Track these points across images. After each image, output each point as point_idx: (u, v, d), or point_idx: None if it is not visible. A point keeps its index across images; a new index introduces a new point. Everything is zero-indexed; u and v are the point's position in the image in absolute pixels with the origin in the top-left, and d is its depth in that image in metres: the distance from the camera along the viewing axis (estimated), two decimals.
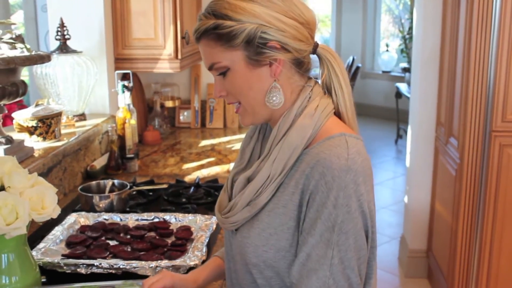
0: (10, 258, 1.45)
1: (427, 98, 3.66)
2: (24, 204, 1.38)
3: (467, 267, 3.13)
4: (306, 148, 1.18)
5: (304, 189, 1.15)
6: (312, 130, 1.18)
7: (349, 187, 1.11)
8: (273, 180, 1.19)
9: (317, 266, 1.13)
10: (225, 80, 1.22)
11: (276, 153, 1.19)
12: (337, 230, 1.12)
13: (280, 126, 1.21)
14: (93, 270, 1.61)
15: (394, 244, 4.40)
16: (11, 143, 2.11)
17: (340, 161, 1.12)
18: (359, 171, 1.13)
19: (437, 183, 3.62)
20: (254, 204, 1.21)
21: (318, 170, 1.12)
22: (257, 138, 1.33)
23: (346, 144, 1.14)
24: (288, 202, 1.17)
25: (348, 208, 1.12)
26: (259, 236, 1.20)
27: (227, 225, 1.27)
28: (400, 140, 7.43)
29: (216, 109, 3.58)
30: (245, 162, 1.33)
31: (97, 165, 2.64)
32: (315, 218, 1.13)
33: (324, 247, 1.12)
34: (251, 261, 1.22)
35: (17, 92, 2.06)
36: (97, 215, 2.00)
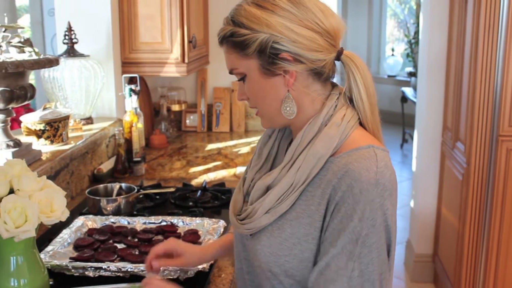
0: (18, 261, 1.45)
1: (434, 103, 3.66)
2: (33, 207, 1.38)
3: (473, 271, 3.12)
4: (331, 157, 1.16)
5: (330, 199, 1.13)
6: (338, 140, 1.16)
7: (376, 201, 1.10)
8: (296, 189, 1.17)
9: (335, 277, 1.11)
10: (244, 85, 1.24)
11: (300, 161, 1.17)
12: (360, 243, 1.10)
13: (305, 135, 1.19)
14: (101, 273, 1.61)
15: (400, 249, 4.38)
16: (19, 146, 2.11)
17: (369, 174, 1.10)
18: (386, 185, 1.11)
19: (444, 188, 3.62)
20: (274, 212, 1.19)
21: (346, 181, 1.10)
22: (275, 137, 1.33)
23: (376, 157, 1.13)
24: (314, 213, 1.15)
25: (373, 221, 1.10)
26: (281, 246, 1.18)
27: (242, 230, 1.25)
28: (405, 145, 7.42)
29: (222, 113, 3.58)
30: (262, 161, 1.31)
31: (104, 169, 2.64)
32: (339, 229, 1.11)
33: (345, 259, 1.11)
34: (271, 270, 1.20)
35: (25, 96, 2.06)
36: (105, 218, 2.00)
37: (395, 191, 1.15)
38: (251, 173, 1.32)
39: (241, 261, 1.34)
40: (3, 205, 1.37)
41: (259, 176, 1.28)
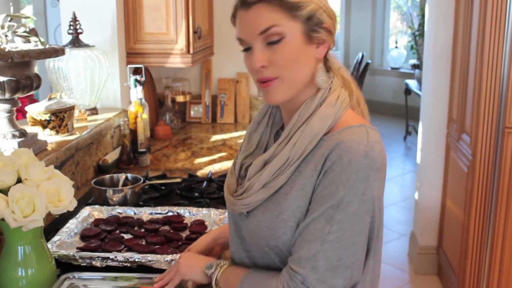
0: (26, 250, 1.45)
1: (439, 94, 3.65)
2: (41, 197, 1.38)
3: (478, 263, 3.12)
4: (325, 135, 1.22)
5: (321, 170, 1.18)
6: (332, 119, 1.22)
7: (363, 171, 1.15)
8: (291, 164, 1.22)
9: (311, 238, 1.16)
10: (272, 51, 1.20)
11: (296, 138, 1.22)
12: (340, 209, 1.15)
13: (302, 113, 1.24)
14: (109, 263, 1.61)
15: (403, 241, 4.39)
16: (24, 137, 2.11)
17: (359, 147, 1.16)
18: (375, 159, 1.17)
19: (449, 180, 3.61)
20: (270, 186, 1.23)
21: (337, 152, 1.16)
22: (266, 124, 1.36)
23: (367, 134, 1.19)
24: (306, 185, 1.20)
25: (356, 191, 1.15)
26: (277, 219, 1.22)
27: (239, 207, 1.29)
28: (409, 137, 7.41)
29: (227, 104, 3.57)
30: (253, 147, 1.35)
31: (109, 159, 2.64)
32: (322, 195, 1.17)
33: (323, 222, 1.16)
34: (269, 244, 1.25)
35: (31, 85, 2.06)
36: (111, 208, 2.00)
37: (384, 167, 1.20)
38: (241, 157, 1.36)
39: (237, 243, 1.38)
40: (11, 194, 1.37)
41: (250, 161, 1.31)
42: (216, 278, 1.35)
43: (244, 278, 1.28)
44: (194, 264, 1.42)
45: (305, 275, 1.15)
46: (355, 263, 1.19)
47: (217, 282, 1.35)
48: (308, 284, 1.16)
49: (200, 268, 1.39)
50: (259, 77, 1.23)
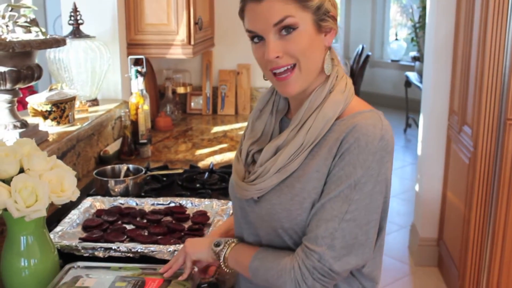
0: (29, 240, 1.44)
1: (440, 86, 3.64)
2: (44, 186, 1.38)
3: (479, 255, 3.12)
4: (336, 120, 1.26)
5: (337, 152, 1.22)
6: (343, 105, 1.27)
7: (378, 153, 1.20)
8: (305, 148, 1.25)
9: (328, 216, 1.20)
10: (287, 40, 1.22)
11: (310, 123, 1.25)
12: (357, 189, 1.19)
13: (313, 100, 1.28)
14: (111, 253, 1.60)
15: (403, 233, 4.39)
16: (26, 127, 2.10)
17: (375, 130, 1.20)
18: (389, 142, 1.22)
19: (449, 172, 3.61)
20: (284, 171, 1.26)
21: (354, 135, 1.20)
22: (270, 111, 1.38)
23: (380, 118, 1.24)
24: (321, 167, 1.23)
25: (372, 171, 1.20)
26: (292, 201, 1.25)
27: (252, 192, 1.30)
28: (409, 129, 7.40)
29: (227, 96, 3.56)
30: (258, 134, 1.37)
31: (110, 150, 2.63)
32: (339, 176, 1.20)
33: (340, 202, 1.20)
34: (283, 226, 1.27)
35: (32, 76, 2.05)
36: (113, 199, 1.99)
37: (393, 151, 1.26)
38: (246, 145, 1.38)
39: (243, 228, 1.40)
40: (14, 184, 1.36)
41: (257, 148, 1.34)
42: (224, 255, 1.37)
43: (255, 256, 1.30)
44: (200, 244, 1.43)
45: (322, 253, 1.19)
46: (368, 240, 1.24)
47: (226, 259, 1.37)
48: (324, 262, 1.19)
49: (207, 246, 1.41)
50: (273, 67, 1.25)
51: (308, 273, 1.20)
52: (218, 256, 1.38)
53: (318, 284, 1.20)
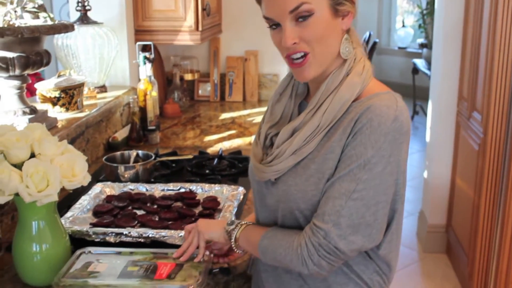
0: (40, 225, 1.44)
1: (449, 72, 3.61)
2: (55, 171, 1.37)
3: (489, 241, 3.11)
4: (353, 102, 1.25)
5: (351, 133, 1.22)
6: (360, 87, 1.26)
7: (391, 134, 1.19)
8: (321, 130, 1.25)
9: (336, 195, 1.20)
10: (302, 27, 1.22)
11: (326, 105, 1.25)
12: (367, 169, 1.19)
13: (329, 82, 1.27)
14: (122, 238, 1.60)
15: (412, 220, 4.38)
16: (35, 113, 2.09)
17: (389, 111, 1.20)
18: (404, 124, 1.21)
19: (458, 158, 3.59)
20: (300, 153, 1.27)
21: (367, 115, 1.20)
22: (289, 95, 1.39)
23: (395, 99, 1.23)
24: (335, 148, 1.23)
25: (384, 152, 1.19)
26: (307, 182, 1.25)
27: (269, 173, 1.31)
28: (416, 117, 7.37)
29: (235, 82, 3.55)
30: (277, 117, 1.38)
31: (119, 137, 2.63)
32: (350, 155, 1.21)
33: (349, 180, 1.20)
34: (299, 207, 1.27)
35: (41, 62, 2.04)
36: (123, 185, 1.99)
37: (409, 133, 1.24)
38: (265, 128, 1.39)
39: (261, 211, 1.42)
40: (25, 169, 1.36)
41: (275, 131, 1.35)
42: (235, 235, 1.38)
43: (264, 235, 1.31)
44: (214, 224, 1.45)
45: (327, 230, 1.19)
46: (376, 221, 1.23)
47: (237, 239, 1.38)
48: (329, 240, 1.19)
49: (220, 225, 1.42)
50: (290, 53, 1.26)
51: (314, 250, 1.21)
52: (229, 235, 1.39)
53: (324, 261, 1.21)
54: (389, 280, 1.39)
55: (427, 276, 3.65)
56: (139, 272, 1.35)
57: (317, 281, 1.33)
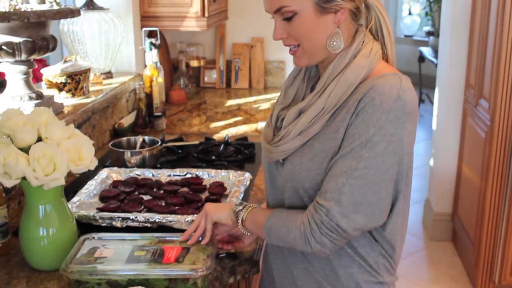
0: (47, 209, 1.44)
1: (456, 60, 3.59)
2: (62, 155, 1.37)
3: (495, 229, 3.10)
4: (359, 84, 1.26)
5: (354, 112, 1.22)
6: (366, 70, 1.26)
7: (393, 113, 1.18)
8: (326, 112, 1.26)
9: (338, 172, 1.21)
10: (289, 24, 1.27)
11: (332, 87, 1.26)
12: (368, 147, 1.19)
13: (336, 65, 1.27)
14: (129, 223, 1.60)
15: (417, 208, 4.37)
16: (41, 99, 2.09)
17: (392, 90, 1.19)
18: (407, 103, 1.20)
19: (465, 146, 3.58)
20: (306, 134, 1.28)
21: (370, 95, 1.20)
22: (302, 78, 1.40)
23: (400, 80, 1.22)
24: (339, 128, 1.24)
25: (386, 131, 1.19)
26: (311, 161, 1.27)
27: (276, 154, 1.33)
28: (422, 105, 7.34)
29: (241, 69, 3.54)
30: (289, 100, 1.40)
31: (125, 123, 2.63)
32: (353, 134, 1.21)
33: (350, 159, 1.20)
34: (304, 186, 1.29)
35: (47, 47, 2.04)
36: (129, 170, 1.98)
37: (416, 113, 1.24)
38: (277, 110, 1.40)
39: (271, 193, 1.43)
40: (32, 152, 1.35)
41: (286, 113, 1.35)
42: (243, 216, 1.38)
43: (270, 215, 1.32)
44: (221, 206, 1.46)
45: (329, 207, 1.20)
46: (379, 201, 1.23)
47: (243, 220, 1.38)
48: (331, 217, 1.20)
49: (228, 207, 1.43)
50: (284, 44, 1.32)
51: (316, 227, 1.21)
52: (237, 216, 1.40)
53: (326, 239, 1.21)
54: (396, 263, 1.39)
55: (433, 264, 3.65)
56: (146, 257, 1.35)
57: (322, 263, 1.34)
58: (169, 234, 1.48)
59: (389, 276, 1.37)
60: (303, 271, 1.37)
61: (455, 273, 3.52)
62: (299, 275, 1.38)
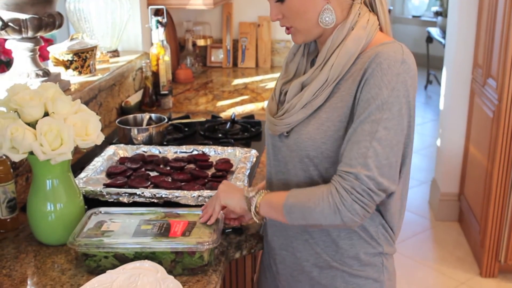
0: (54, 183, 1.45)
1: (465, 39, 3.57)
2: (69, 130, 1.37)
3: (501, 209, 3.10)
4: (359, 54, 1.28)
5: (361, 79, 1.24)
6: (365, 40, 1.29)
7: (402, 75, 1.22)
8: (329, 84, 1.28)
9: (360, 138, 1.22)
10: (282, 6, 1.31)
11: (333, 59, 1.28)
12: (385, 109, 1.21)
13: (335, 38, 1.30)
14: (135, 199, 1.61)
15: (424, 188, 4.37)
16: (48, 76, 2.09)
17: (396, 55, 1.23)
18: (411, 66, 1.24)
19: (472, 126, 3.56)
20: (310, 106, 1.30)
21: (376, 61, 1.23)
22: (302, 54, 1.42)
23: (401, 46, 1.26)
24: (345, 97, 1.27)
25: (398, 92, 1.22)
26: (317, 130, 1.29)
27: (281, 127, 1.35)
28: (430, 86, 7.31)
29: (248, 49, 3.53)
30: (291, 75, 1.42)
31: (132, 101, 2.63)
32: (367, 99, 1.23)
33: (370, 123, 1.22)
34: (309, 155, 1.30)
35: (53, 24, 2.03)
36: (136, 147, 1.99)
37: (416, 79, 1.27)
38: (279, 84, 1.43)
39: (273, 166, 1.43)
40: (39, 127, 1.36)
41: (289, 87, 1.37)
42: (256, 202, 1.35)
43: (289, 195, 1.30)
44: (234, 190, 1.43)
45: (357, 173, 1.20)
46: (397, 163, 1.25)
47: (257, 206, 1.35)
48: (361, 181, 1.20)
49: (240, 192, 1.40)
50: (281, 25, 1.36)
51: (347, 194, 1.20)
52: (249, 203, 1.36)
53: (357, 205, 1.20)
54: (395, 234, 1.40)
55: (439, 244, 3.66)
56: (153, 231, 1.36)
57: (322, 235, 1.35)
58: (175, 209, 1.49)
59: (389, 247, 1.39)
60: (303, 243, 1.39)
61: (461, 253, 3.53)
62: (299, 246, 1.40)
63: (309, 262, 1.39)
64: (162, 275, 1.23)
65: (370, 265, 1.37)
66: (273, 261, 1.48)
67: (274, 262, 1.48)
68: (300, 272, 1.42)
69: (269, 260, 1.51)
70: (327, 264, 1.37)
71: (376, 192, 1.21)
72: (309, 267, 1.39)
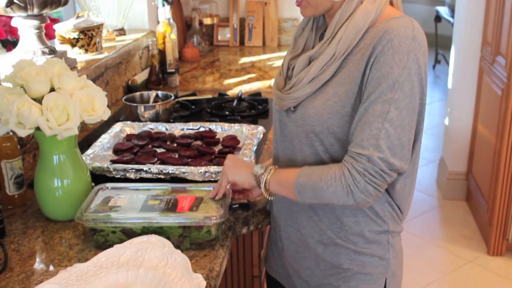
0: (61, 159, 1.44)
1: (473, 17, 3.53)
2: (75, 105, 1.37)
3: (509, 188, 3.09)
4: (368, 29, 1.26)
5: (370, 56, 1.22)
6: (374, 14, 1.26)
7: (413, 53, 1.20)
8: (337, 58, 1.26)
9: (371, 119, 1.21)
10: None
11: (341, 33, 1.26)
12: (397, 88, 1.20)
13: (343, 11, 1.27)
14: (142, 175, 1.61)
15: (432, 167, 4.36)
16: (54, 54, 2.09)
17: (407, 31, 1.21)
18: (422, 43, 1.22)
19: (481, 104, 3.54)
20: (317, 80, 1.28)
21: (386, 37, 1.20)
22: (310, 28, 1.40)
23: (411, 21, 1.24)
24: (352, 72, 1.25)
25: (409, 70, 1.20)
26: (324, 105, 1.27)
27: (287, 101, 1.34)
28: (438, 66, 7.26)
29: (255, 27, 3.51)
30: (299, 49, 1.39)
31: (138, 80, 2.62)
32: (378, 77, 1.21)
33: (381, 102, 1.20)
34: (314, 130, 1.29)
35: (59, 1, 2.02)
36: (142, 124, 1.98)
37: (427, 55, 1.25)
38: (287, 59, 1.42)
39: (280, 141, 1.42)
40: (45, 102, 1.36)
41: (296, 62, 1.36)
42: (266, 179, 1.35)
43: (300, 173, 1.29)
44: (241, 166, 1.43)
45: (369, 154, 1.20)
46: (409, 142, 1.25)
47: (267, 183, 1.35)
48: (374, 163, 1.20)
49: (248, 169, 1.40)
50: None
51: (360, 176, 1.20)
52: (258, 180, 1.36)
53: (371, 186, 1.21)
54: (403, 213, 1.39)
55: (446, 223, 3.65)
56: (160, 206, 1.36)
57: (327, 212, 1.35)
58: (182, 184, 1.49)
59: (395, 225, 1.38)
60: (308, 219, 1.38)
61: (469, 232, 3.52)
62: (304, 223, 1.39)
63: (313, 239, 1.39)
64: (169, 249, 1.23)
65: (375, 242, 1.36)
66: (279, 237, 1.49)
67: (280, 238, 1.48)
68: (305, 249, 1.42)
69: (275, 236, 1.51)
70: (331, 241, 1.37)
71: (388, 173, 1.21)
72: (314, 243, 1.39)
